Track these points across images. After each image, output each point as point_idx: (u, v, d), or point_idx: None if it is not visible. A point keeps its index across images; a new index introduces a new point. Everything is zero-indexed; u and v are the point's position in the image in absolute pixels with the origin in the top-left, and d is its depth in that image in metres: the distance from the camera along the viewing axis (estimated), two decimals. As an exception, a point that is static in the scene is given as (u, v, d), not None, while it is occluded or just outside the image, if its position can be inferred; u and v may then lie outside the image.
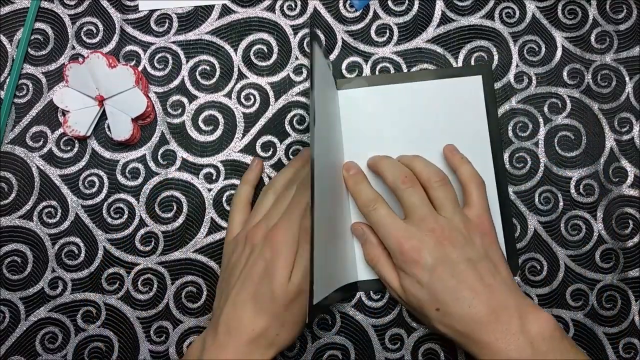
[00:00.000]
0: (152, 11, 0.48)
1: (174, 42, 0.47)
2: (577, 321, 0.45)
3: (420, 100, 0.46)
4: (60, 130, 0.46)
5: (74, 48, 0.47)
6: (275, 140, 0.47)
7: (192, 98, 0.47)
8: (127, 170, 0.46)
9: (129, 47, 0.47)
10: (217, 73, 0.47)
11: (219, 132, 0.47)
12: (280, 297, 0.37)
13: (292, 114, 0.47)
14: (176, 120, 0.47)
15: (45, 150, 0.46)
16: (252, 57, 0.47)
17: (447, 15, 0.48)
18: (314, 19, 0.48)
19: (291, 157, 0.46)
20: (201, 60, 0.47)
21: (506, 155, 0.46)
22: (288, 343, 0.38)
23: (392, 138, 0.46)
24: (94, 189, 0.46)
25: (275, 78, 0.47)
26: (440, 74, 0.46)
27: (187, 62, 0.47)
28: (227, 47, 0.47)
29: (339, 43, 0.48)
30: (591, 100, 0.47)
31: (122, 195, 0.46)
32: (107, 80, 0.44)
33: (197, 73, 0.47)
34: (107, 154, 0.46)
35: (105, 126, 0.46)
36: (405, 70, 0.47)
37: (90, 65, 0.44)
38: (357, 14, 0.48)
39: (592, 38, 0.47)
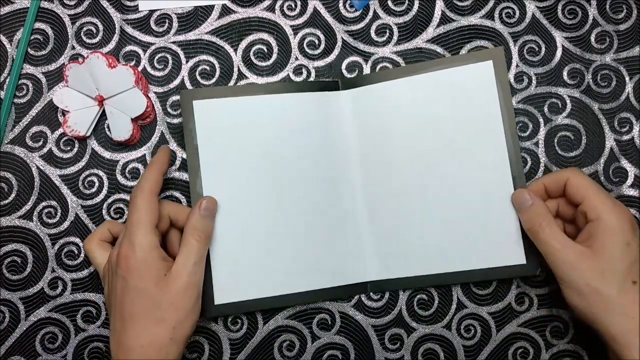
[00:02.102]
0: (152, 11, 0.48)
1: (174, 42, 0.47)
2: (577, 321, 0.45)
3: (428, 92, 0.45)
4: (60, 130, 0.46)
5: (73, 48, 0.47)
6: (275, 140, 0.47)
7: (192, 98, 0.47)
8: (127, 170, 0.46)
9: (129, 47, 0.47)
10: (217, 73, 0.47)
11: (218, 132, 0.47)
12: (157, 300, 0.38)
13: (292, 114, 0.47)
14: (176, 120, 0.47)
15: (45, 150, 0.46)
16: (252, 57, 0.47)
17: (447, 15, 0.48)
18: (314, 19, 0.48)
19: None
20: (201, 60, 0.47)
21: (506, 155, 0.46)
22: (188, 335, 0.39)
23: (405, 132, 0.45)
24: (94, 189, 0.46)
25: (275, 78, 0.47)
26: (447, 64, 0.45)
27: (187, 62, 0.47)
28: (227, 47, 0.47)
29: (339, 43, 0.48)
30: (591, 100, 0.47)
31: (122, 195, 0.46)
32: (107, 81, 0.44)
33: (197, 73, 0.47)
34: (107, 154, 0.46)
35: (105, 126, 0.46)
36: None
37: (90, 66, 0.44)
38: (357, 13, 0.48)
39: (592, 38, 0.47)
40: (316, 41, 0.48)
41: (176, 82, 0.47)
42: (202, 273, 0.40)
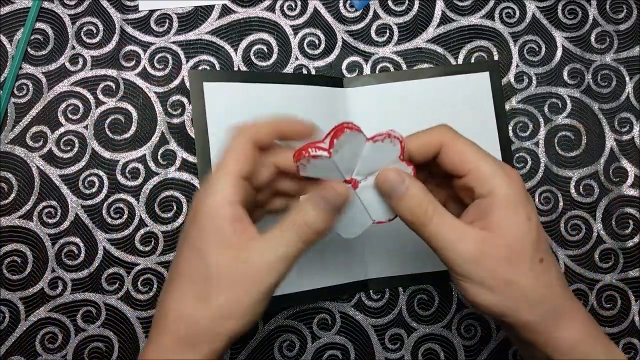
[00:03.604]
0: (152, 11, 0.48)
1: (174, 42, 0.47)
2: (577, 321, 0.45)
3: (428, 97, 0.46)
4: (61, 130, 0.46)
5: (74, 48, 0.47)
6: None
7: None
8: (127, 170, 0.46)
9: (129, 47, 0.47)
10: (217, 73, 0.47)
11: (219, 132, 0.47)
12: (209, 271, 0.30)
13: (292, 114, 0.47)
14: (176, 120, 0.47)
15: (45, 150, 0.46)
16: (252, 57, 0.47)
17: (447, 15, 0.48)
18: (314, 19, 0.48)
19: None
20: (201, 60, 0.47)
21: (506, 155, 0.46)
22: (233, 333, 0.29)
23: (404, 133, 0.46)
24: (94, 189, 0.46)
25: (275, 78, 0.47)
26: (448, 71, 0.46)
27: (187, 62, 0.47)
28: (227, 47, 0.47)
29: (339, 43, 0.48)
30: (591, 100, 0.47)
31: (122, 195, 0.46)
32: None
33: (197, 73, 0.47)
34: (107, 154, 0.46)
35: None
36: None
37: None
38: (357, 13, 0.48)
39: (592, 38, 0.47)
40: (316, 41, 0.48)
41: (176, 82, 0.47)
42: (281, 277, 0.30)
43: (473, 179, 0.31)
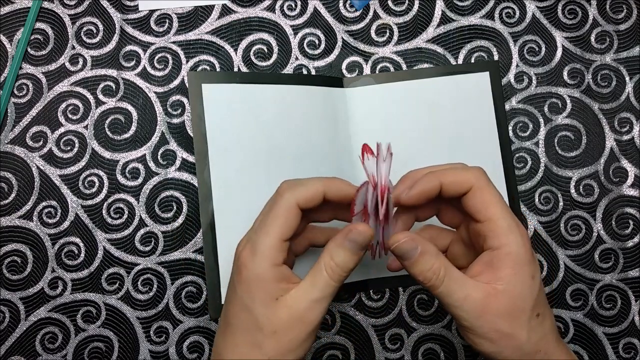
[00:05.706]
0: (152, 11, 0.48)
1: (174, 42, 0.47)
2: (577, 321, 0.45)
3: (428, 97, 0.46)
4: (61, 130, 0.46)
5: (74, 48, 0.47)
6: (275, 140, 0.47)
7: (192, 98, 0.47)
8: (127, 170, 0.46)
9: (129, 47, 0.47)
10: (217, 73, 0.47)
11: (219, 132, 0.47)
12: (259, 322, 0.33)
13: (292, 114, 0.47)
14: (176, 120, 0.47)
15: (45, 150, 0.46)
16: (252, 57, 0.47)
17: (447, 15, 0.48)
18: (314, 19, 0.48)
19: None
20: (201, 60, 0.47)
21: (506, 155, 0.46)
22: None
23: (400, 135, 0.46)
24: (94, 189, 0.46)
25: (275, 78, 0.47)
26: (448, 71, 0.46)
27: (187, 62, 0.47)
28: (227, 47, 0.47)
29: (339, 43, 0.48)
30: (591, 100, 0.47)
31: (122, 195, 0.46)
32: None
33: (197, 73, 0.47)
34: (107, 154, 0.46)
35: None
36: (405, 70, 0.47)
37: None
38: (357, 13, 0.48)
39: (592, 38, 0.47)
40: (316, 41, 0.48)
41: (176, 82, 0.47)
42: (322, 314, 0.33)
43: (489, 229, 0.33)
